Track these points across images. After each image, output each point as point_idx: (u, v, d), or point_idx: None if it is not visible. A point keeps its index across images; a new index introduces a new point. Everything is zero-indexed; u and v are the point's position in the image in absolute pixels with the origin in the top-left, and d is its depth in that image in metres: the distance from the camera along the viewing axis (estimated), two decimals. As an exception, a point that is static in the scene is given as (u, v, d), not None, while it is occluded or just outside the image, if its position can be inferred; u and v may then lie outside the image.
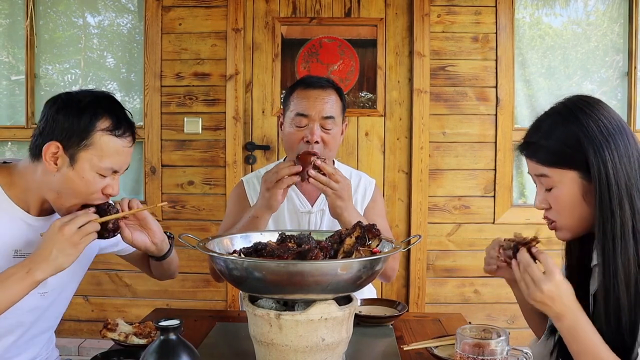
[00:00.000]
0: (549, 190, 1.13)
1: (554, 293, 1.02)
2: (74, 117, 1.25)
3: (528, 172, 1.19)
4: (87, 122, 1.25)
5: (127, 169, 1.36)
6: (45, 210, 1.36)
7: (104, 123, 1.27)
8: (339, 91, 1.75)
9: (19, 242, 1.32)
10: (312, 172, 1.50)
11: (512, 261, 1.11)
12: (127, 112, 1.34)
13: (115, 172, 1.31)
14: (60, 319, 1.51)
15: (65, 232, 1.20)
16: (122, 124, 1.30)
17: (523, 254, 1.09)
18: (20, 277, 1.18)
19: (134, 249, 1.50)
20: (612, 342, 1.05)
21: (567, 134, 1.09)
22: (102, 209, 1.29)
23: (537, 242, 1.11)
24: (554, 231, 1.19)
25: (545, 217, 1.19)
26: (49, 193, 1.30)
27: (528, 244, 1.11)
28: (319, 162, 1.51)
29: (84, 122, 1.25)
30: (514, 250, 1.12)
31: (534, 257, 1.08)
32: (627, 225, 1.04)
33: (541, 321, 1.30)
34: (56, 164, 1.26)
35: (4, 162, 1.38)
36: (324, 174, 1.52)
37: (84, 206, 1.28)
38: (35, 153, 1.28)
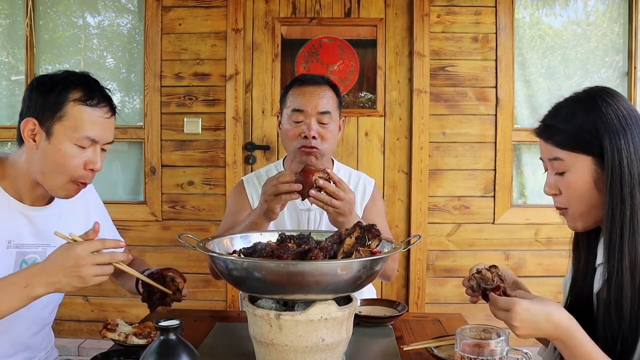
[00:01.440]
0: (560, 175, 1.14)
1: (528, 322, 1.01)
2: (46, 93, 1.27)
3: (540, 158, 1.19)
4: (58, 94, 1.26)
5: (110, 143, 1.34)
6: (38, 198, 1.36)
7: (75, 94, 1.28)
8: (334, 87, 1.77)
9: (13, 232, 1.32)
10: (312, 192, 1.45)
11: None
12: (104, 88, 1.34)
13: (94, 143, 1.30)
14: (55, 313, 1.51)
15: (81, 263, 1.12)
16: (95, 94, 1.30)
17: (489, 304, 1.10)
18: (18, 289, 1.13)
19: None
20: (612, 335, 1.05)
21: (586, 120, 1.09)
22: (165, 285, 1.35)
23: (492, 284, 1.11)
24: (563, 218, 1.18)
25: (556, 207, 1.18)
26: (36, 174, 1.30)
27: (485, 289, 1.13)
28: (321, 182, 1.45)
29: (55, 95, 1.27)
30: (483, 295, 1.15)
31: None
32: (636, 213, 1.05)
33: None
34: (35, 141, 1.27)
35: None
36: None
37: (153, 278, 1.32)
38: (19, 136, 1.30)
